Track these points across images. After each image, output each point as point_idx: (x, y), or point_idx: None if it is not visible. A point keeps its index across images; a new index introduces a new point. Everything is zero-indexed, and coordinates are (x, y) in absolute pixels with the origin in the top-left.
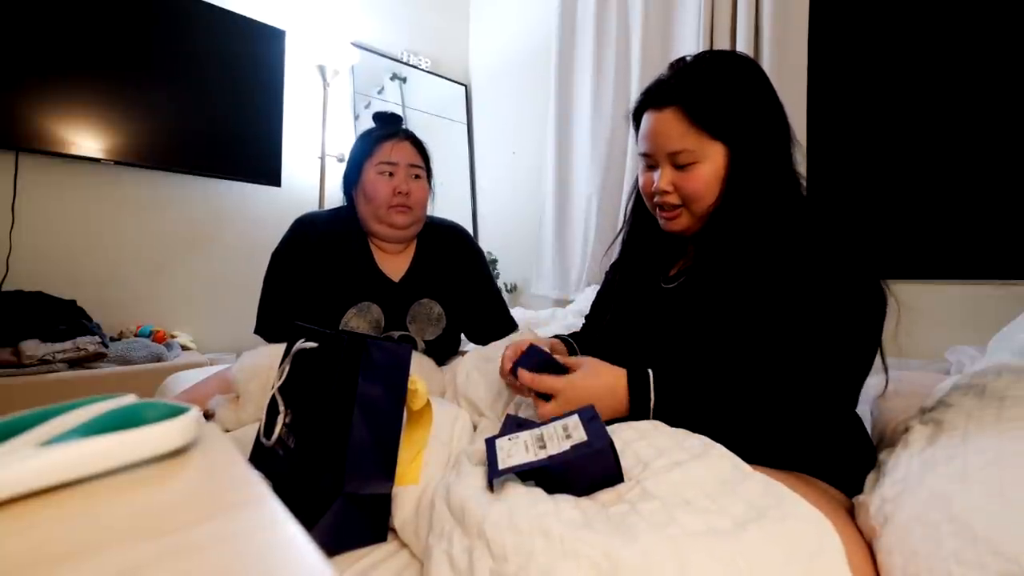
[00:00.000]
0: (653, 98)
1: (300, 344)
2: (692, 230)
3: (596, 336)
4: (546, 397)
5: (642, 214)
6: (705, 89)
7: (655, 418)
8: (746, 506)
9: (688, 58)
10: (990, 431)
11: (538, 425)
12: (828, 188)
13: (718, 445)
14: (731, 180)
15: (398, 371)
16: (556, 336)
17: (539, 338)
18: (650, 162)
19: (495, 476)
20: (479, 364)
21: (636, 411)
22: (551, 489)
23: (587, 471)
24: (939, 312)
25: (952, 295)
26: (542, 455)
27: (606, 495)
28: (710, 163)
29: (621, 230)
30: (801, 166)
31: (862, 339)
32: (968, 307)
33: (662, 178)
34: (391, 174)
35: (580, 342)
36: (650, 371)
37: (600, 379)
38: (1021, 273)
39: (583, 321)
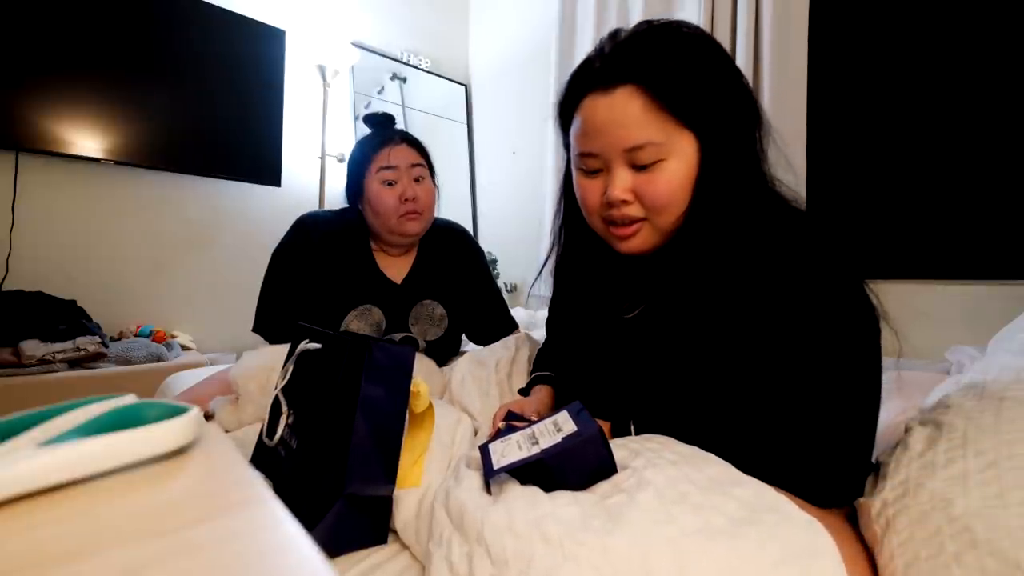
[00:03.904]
0: (596, 76)
1: (304, 345)
2: (655, 247)
3: (567, 374)
4: None
5: (577, 235)
6: (667, 60)
7: None
8: (739, 506)
9: (622, 30)
10: (990, 432)
11: (530, 426)
12: (828, 188)
13: (710, 455)
14: (703, 182)
15: (401, 373)
16: (543, 379)
17: (522, 403)
18: (595, 164)
19: (491, 476)
20: (473, 370)
21: None
22: (548, 487)
23: (581, 460)
24: (939, 312)
25: (952, 295)
26: (535, 450)
27: (604, 486)
28: (679, 159)
29: (549, 254)
30: (770, 163)
31: (865, 371)
32: (968, 307)
33: (616, 184)
34: (393, 182)
35: (556, 369)
36: (632, 424)
37: None
38: (1021, 273)
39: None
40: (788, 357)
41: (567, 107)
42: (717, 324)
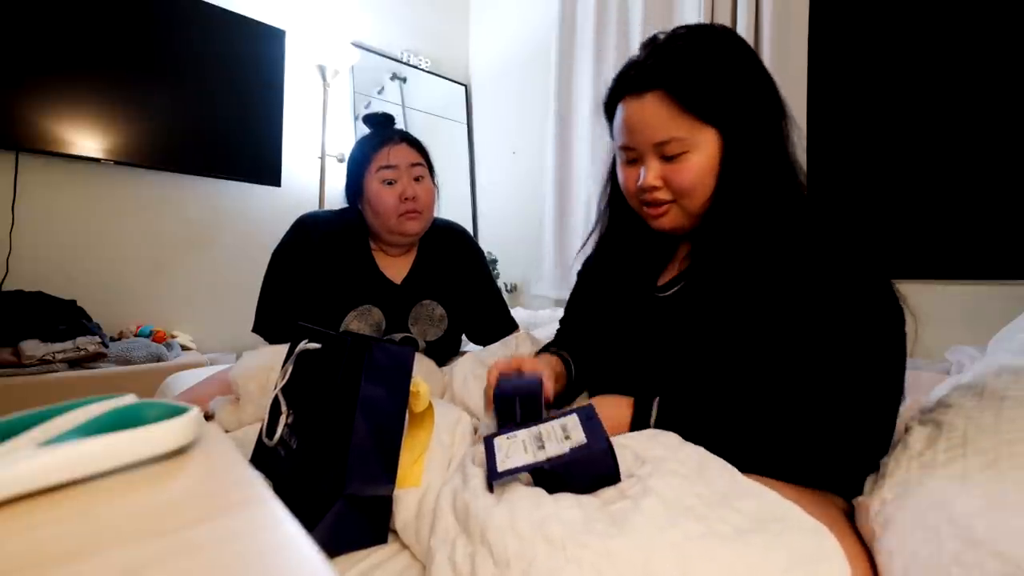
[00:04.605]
0: (631, 83)
1: (303, 345)
2: (685, 227)
3: (589, 353)
4: None
5: (621, 211)
6: (690, 68)
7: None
8: (744, 517)
9: (661, 35)
10: (989, 432)
11: (536, 424)
12: (829, 188)
13: (714, 458)
14: (726, 169)
15: (401, 373)
16: (551, 349)
17: (532, 361)
18: (632, 155)
19: (494, 479)
20: (476, 369)
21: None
22: (552, 488)
23: (586, 472)
24: (939, 312)
25: (952, 295)
26: (541, 456)
27: (608, 492)
28: (702, 152)
29: (595, 227)
30: (798, 147)
31: (890, 357)
32: (968, 307)
33: (649, 172)
34: (393, 181)
35: (569, 353)
36: (655, 400)
37: (611, 400)
38: (1021, 273)
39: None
40: (819, 333)
41: (610, 104)
42: (751, 303)
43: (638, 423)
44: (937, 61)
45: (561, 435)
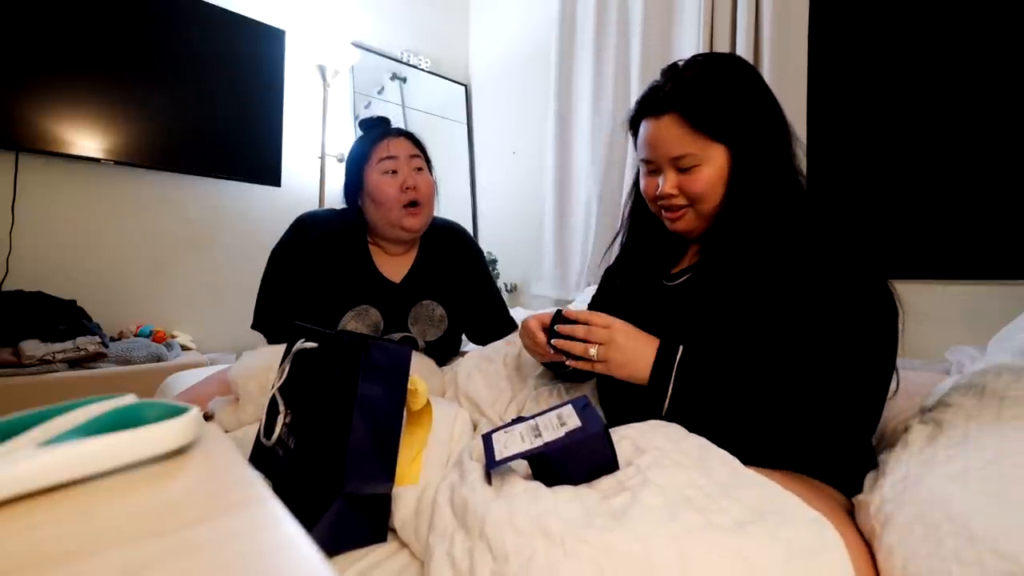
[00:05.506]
0: (650, 106)
1: (300, 344)
2: (698, 230)
3: None
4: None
5: (641, 216)
6: (702, 93)
7: (674, 391)
8: (744, 508)
9: (680, 63)
10: (990, 431)
11: (534, 418)
12: (829, 188)
13: (716, 449)
14: (734, 179)
15: (398, 371)
16: None
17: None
18: (652, 167)
19: (492, 467)
20: (480, 364)
21: (657, 375)
22: (550, 481)
23: (583, 456)
24: (939, 312)
25: (952, 295)
26: (538, 443)
27: (607, 482)
28: (713, 165)
29: (619, 232)
30: (802, 161)
31: (883, 343)
32: (968, 307)
33: (666, 182)
34: (394, 172)
35: None
36: (680, 347)
37: (641, 334)
38: (1021, 273)
39: None
40: (812, 315)
41: (635, 122)
42: (750, 290)
43: (661, 362)
44: (937, 61)
45: (557, 423)
